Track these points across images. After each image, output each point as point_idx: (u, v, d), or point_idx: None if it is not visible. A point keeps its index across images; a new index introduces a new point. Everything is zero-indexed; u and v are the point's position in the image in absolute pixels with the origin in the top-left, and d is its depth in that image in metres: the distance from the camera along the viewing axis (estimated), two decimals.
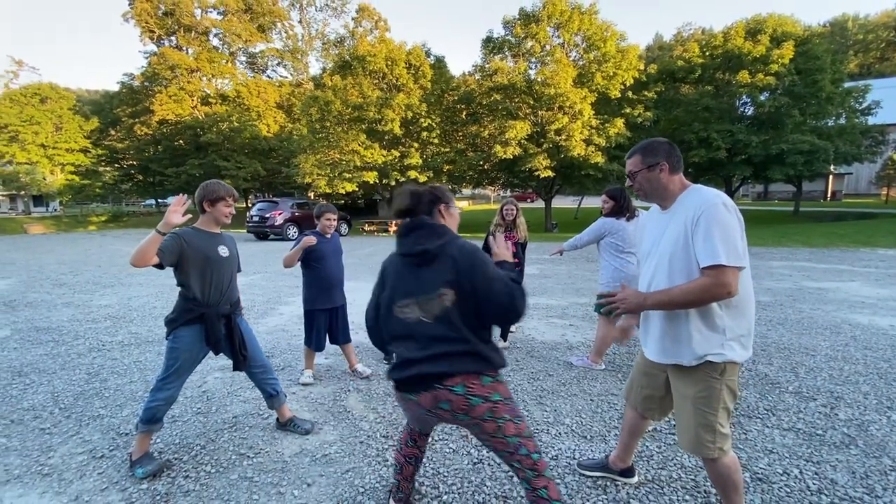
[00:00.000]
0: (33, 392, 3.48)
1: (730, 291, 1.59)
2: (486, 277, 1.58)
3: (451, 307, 1.58)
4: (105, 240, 18.38)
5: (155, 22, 29.47)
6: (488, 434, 1.62)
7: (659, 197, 1.84)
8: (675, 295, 1.66)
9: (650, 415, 2.09)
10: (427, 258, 1.64)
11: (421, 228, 1.70)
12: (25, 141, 30.13)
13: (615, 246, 3.58)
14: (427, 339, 1.60)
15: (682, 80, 21.56)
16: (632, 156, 1.86)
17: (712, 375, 1.71)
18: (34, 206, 40.42)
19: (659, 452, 2.54)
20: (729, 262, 1.57)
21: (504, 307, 1.57)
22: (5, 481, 2.35)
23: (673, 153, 1.80)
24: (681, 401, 1.82)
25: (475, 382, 1.58)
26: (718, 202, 1.63)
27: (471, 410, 1.57)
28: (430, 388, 1.58)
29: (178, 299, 2.47)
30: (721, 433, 1.73)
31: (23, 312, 6.03)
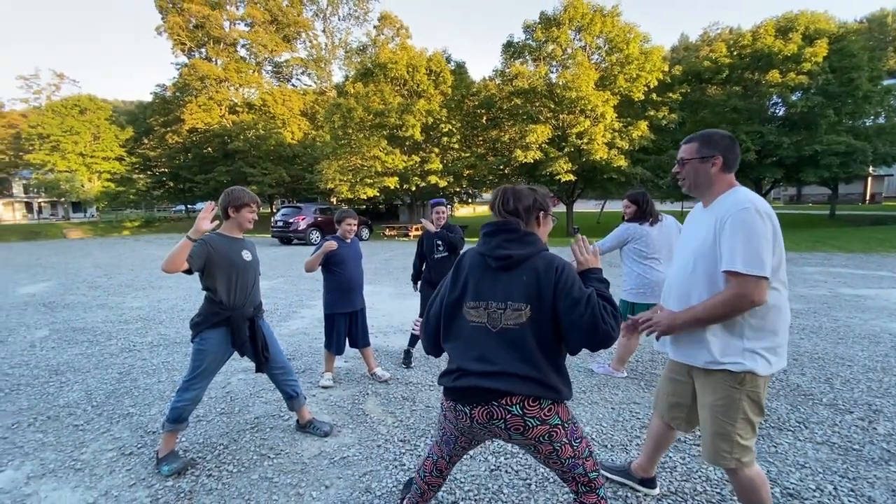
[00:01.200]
0: (69, 390, 3.63)
1: (753, 301, 1.53)
2: (571, 298, 1.45)
3: (525, 324, 1.48)
4: (138, 244, 19.09)
5: (186, 34, 30.59)
6: (542, 455, 1.55)
7: (703, 191, 1.77)
8: (700, 313, 1.64)
9: (676, 424, 2.02)
10: (509, 265, 1.54)
11: (510, 232, 1.58)
12: (66, 150, 31.63)
13: (638, 252, 3.51)
14: (491, 352, 1.49)
15: (708, 81, 21.05)
16: (689, 142, 1.78)
17: (731, 384, 1.65)
18: (73, 211, 42.36)
19: (683, 464, 2.47)
20: (746, 269, 1.52)
21: (589, 331, 1.42)
22: (41, 475, 2.46)
23: (732, 149, 1.72)
24: (701, 408, 1.77)
25: (534, 405, 1.47)
26: (750, 206, 1.57)
27: (527, 432, 1.48)
28: (486, 403, 1.48)
29: (203, 303, 2.54)
30: (740, 444, 1.66)
31: (61, 313, 6.31)
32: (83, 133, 32.22)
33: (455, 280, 1.66)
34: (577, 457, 1.57)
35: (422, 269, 4.18)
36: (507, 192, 1.66)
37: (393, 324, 5.59)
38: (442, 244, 3.91)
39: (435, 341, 1.71)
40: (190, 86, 29.66)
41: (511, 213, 1.63)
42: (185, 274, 2.39)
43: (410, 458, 2.58)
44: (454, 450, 1.72)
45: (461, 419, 1.56)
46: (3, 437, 2.87)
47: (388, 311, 6.23)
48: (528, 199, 1.65)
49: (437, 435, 1.77)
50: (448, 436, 1.69)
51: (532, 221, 1.66)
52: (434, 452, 1.80)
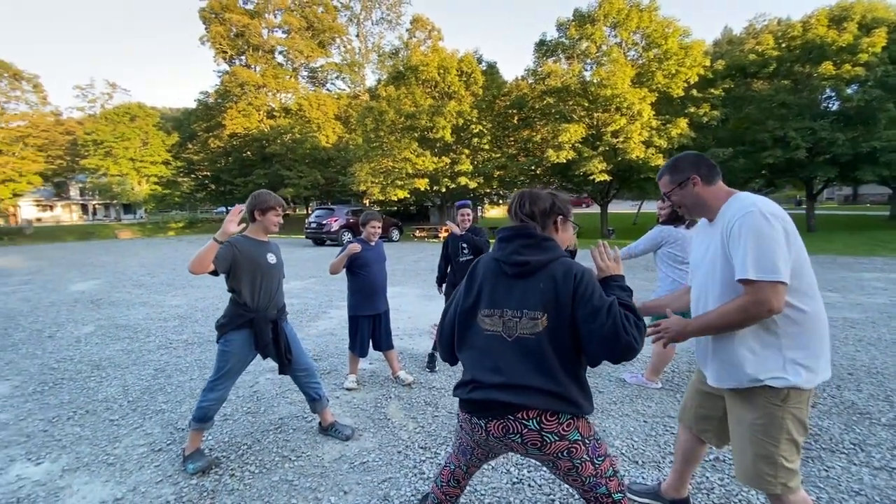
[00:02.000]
0: (108, 385, 3.79)
1: (770, 309, 1.42)
2: (590, 307, 1.38)
3: (542, 333, 1.41)
4: (181, 244, 19.99)
5: (227, 43, 31.85)
6: (562, 471, 1.47)
7: (702, 211, 1.72)
8: (713, 319, 1.55)
9: (707, 438, 1.89)
10: (526, 272, 1.48)
11: (526, 237, 1.52)
12: (117, 155, 33.61)
13: (673, 256, 3.33)
14: (506, 363, 1.43)
15: (754, 76, 19.97)
16: (661, 178, 1.80)
17: (773, 402, 1.52)
18: (124, 213, 44.95)
19: (721, 486, 2.29)
20: (758, 275, 1.42)
21: (610, 342, 1.35)
22: (75, 468, 2.56)
23: (701, 164, 1.69)
24: (736, 425, 1.64)
25: (552, 419, 1.39)
26: (754, 210, 1.48)
27: (544, 447, 1.41)
28: (502, 417, 1.42)
29: (228, 305, 2.58)
30: (784, 467, 1.52)
31: (106, 310, 6.64)
32: (133, 139, 34.14)
33: (469, 287, 1.59)
34: (600, 476, 1.47)
35: (447, 272, 4.14)
36: (524, 196, 1.60)
37: (418, 326, 5.56)
38: (467, 247, 3.84)
39: (450, 349, 1.66)
40: (231, 92, 30.87)
41: (528, 216, 1.56)
42: (212, 275, 2.43)
43: (431, 466, 2.52)
44: (471, 460, 1.66)
45: (477, 432, 1.50)
46: (43, 430, 3.01)
47: (413, 314, 6.22)
48: (545, 202, 1.58)
49: (454, 444, 1.71)
50: (465, 446, 1.63)
51: (550, 226, 1.58)
52: (451, 462, 1.73)
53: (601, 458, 1.49)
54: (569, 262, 1.49)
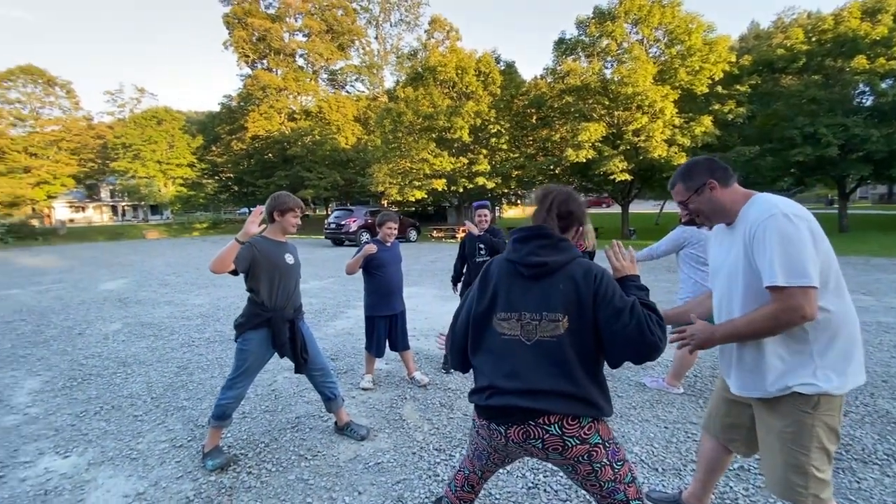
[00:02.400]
0: (133, 381, 3.90)
1: (803, 316, 1.36)
2: (613, 308, 1.37)
3: (563, 336, 1.38)
4: (205, 245, 20.48)
5: (249, 47, 32.51)
6: (580, 476, 1.44)
7: (721, 216, 1.65)
8: (741, 326, 1.49)
9: (735, 447, 1.82)
10: (543, 273, 1.45)
11: (543, 238, 1.50)
12: (145, 158, 34.70)
13: (696, 257, 3.24)
14: (526, 367, 1.40)
15: (782, 71, 19.32)
16: (674, 186, 1.71)
17: (803, 409, 1.46)
18: (151, 214, 46.35)
19: (746, 496, 2.21)
20: (788, 281, 1.35)
21: (634, 342, 1.34)
22: (100, 462, 2.63)
23: (716, 167, 1.63)
24: (765, 434, 1.57)
25: (573, 423, 1.37)
26: (777, 212, 1.42)
27: (565, 451, 1.39)
28: (522, 423, 1.39)
29: (246, 304, 2.62)
30: (816, 477, 1.45)
31: (133, 308, 6.85)
32: (160, 142, 35.19)
33: (483, 290, 1.56)
34: (618, 481, 1.44)
35: (462, 272, 4.12)
36: (570, 193, 1.59)
37: (435, 326, 5.56)
38: (484, 248, 3.82)
39: (463, 355, 1.62)
40: (253, 95, 31.49)
41: (564, 216, 1.55)
42: (232, 275, 2.47)
43: (445, 468, 2.50)
44: (486, 465, 1.63)
45: (495, 438, 1.47)
46: (71, 424, 3.11)
47: (430, 314, 6.22)
48: (580, 208, 1.59)
49: (469, 449, 1.69)
50: (480, 451, 1.60)
51: (571, 230, 1.58)
52: (466, 466, 1.71)
53: (620, 462, 1.46)
54: (587, 262, 1.48)
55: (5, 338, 5.31)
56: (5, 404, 3.46)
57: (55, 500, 2.30)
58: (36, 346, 4.99)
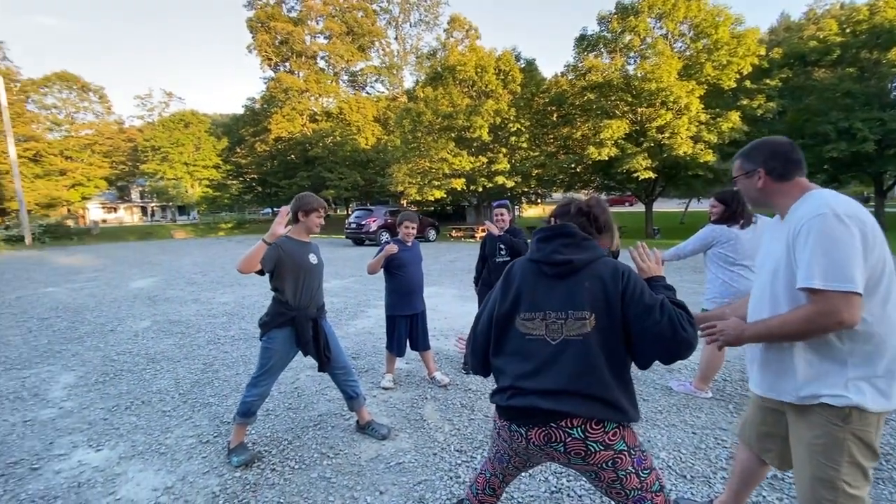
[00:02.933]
0: (161, 377, 4.00)
1: (841, 322, 1.28)
2: (642, 305, 1.34)
3: (590, 334, 1.35)
4: (230, 244, 20.96)
5: (272, 50, 33.12)
6: (605, 483, 1.40)
7: (764, 206, 1.62)
8: (773, 327, 1.43)
9: (769, 459, 1.74)
10: (568, 271, 1.43)
11: (567, 237, 1.49)
12: (173, 160, 35.81)
13: (724, 257, 3.13)
14: (549, 367, 1.37)
15: (815, 64, 18.64)
16: (735, 160, 1.68)
17: (832, 421, 1.38)
18: (179, 214, 47.77)
19: None
20: (827, 284, 1.28)
21: (666, 340, 1.31)
22: (131, 456, 2.71)
23: (776, 156, 1.54)
24: (795, 444, 1.51)
25: (597, 427, 1.33)
26: (827, 211, 1.33)
27: (588, 457, 1.34)
28: (544, 425, 1.36)
29: (271, 303, 2.65)
30: (847, 493, 1.38)
31: (161, 306, 7.05)
32: (187, 144, 36.24)
33: (505, 291, 1.54)
34: (645, 490, 1.39)
35: (483, 272, 4.09)
36: (600, 200, 1.63)
37: (455, 326, 5.54)
38: (504, 248, 3.78)
39: (483, 359, 1.60)
40: (275, 98, 32.09)
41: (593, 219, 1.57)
42: (258, 274, 2.51)
43: (466, 470, 2.49)
44: (508, 468, 1.60)
45: (516, 440, 1.44)
46: (104, 418, 3.21)
47: (450, 314, 6.20)
48: (608, 216, 1.60)
49: (490, 451, 1.66)
50: (502, 454, 1.57)
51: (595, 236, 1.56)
52: (487, 469, 1.69)
53: (647, 470, 1.41)
54: (613, 261, 1.45)
55: (42, 334, 5.53)
56: (42, 398, 3.60)
57: (88, 492, 2.37)
58: (71, 342, 5.19)
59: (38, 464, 2.64)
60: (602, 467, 1.36)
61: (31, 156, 30.73)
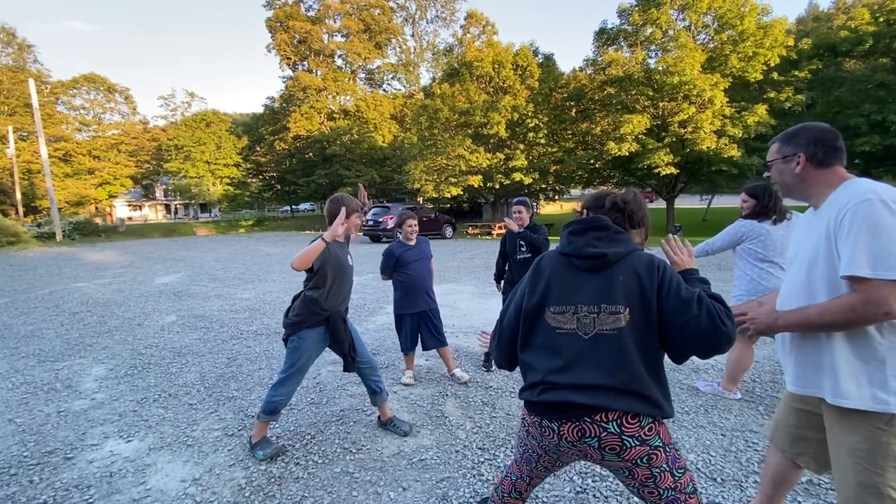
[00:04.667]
0: (187, 371, 4.09)
1: (889, 312, 1.23)
2: (679, 299, 1.32)
3: (625, 329, 1.33)
4: (250, 241, 21.34)
5: (291, 50, 33.54)
6: (638, 481, 1.36)
7: (799, 194, 1.56)
8: (812, 315, 1.38)
9: (804, 463, 1.67)
10: (602, 265, 1.40)
11: (600, 230, 1.46)
12: (195, 159, 36.59)
13: (754, 253, 3.03)
14: (582, 361, 1.35)
15: (846, 54, 17.97)
16: (772, 143, 1.62)
17: (876, 425, 1.32)
18: (201, 212, 48.83)
19: None
20: (875, 272, 1.22)
21: (706, 334, 1.28)
22: (159, 447, 2.77)
23: (818, 142, 1.48)
24: (835, 448, 1.45)
25: (633, 422, 1.30)
26: (873, 197, 1.28)
27: (623, 452, 1.31)
28: (577, 420, 1.33)
29: (301, 302, 2.61)
30: (894, 498, 1.31)
31: (186, 302, 7.21)
32: (209, 143, 36.99)
33: (534, 285, 1.51)
34: (679, 490, 1.36)
35: (504, 269, 4.05)
36: (637, 195, 1.57)
37: (473, 324, 5.52)
38: (525, 245, 3.74)
39: (510, 353, 1.57)
40: (294, 97, 32.51)
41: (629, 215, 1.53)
42: (308, 272, 2.51)
43: (489, 468, 2.47)
44: (535, 469, 1.57)
45: (547, 436, 1.41)
46: (133, 410, 3.30)
47: (468, 311, 6.18)
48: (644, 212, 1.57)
49: (516, 452, 1.63)
50: (529, 454, 1.54)
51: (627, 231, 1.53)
52: (513, 472, 1.66)
53: (681, 470, 1.37)
54: (648, 255, 1.42)
55: (74, 328, 5.71)
56: (74, 389, 3.71)
57: (119, 482, 2.43)
58: (101, 335, 5.34)
59: (71, 453, 2.72)
60: (636, 463, 1.33)
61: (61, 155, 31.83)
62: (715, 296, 1.37)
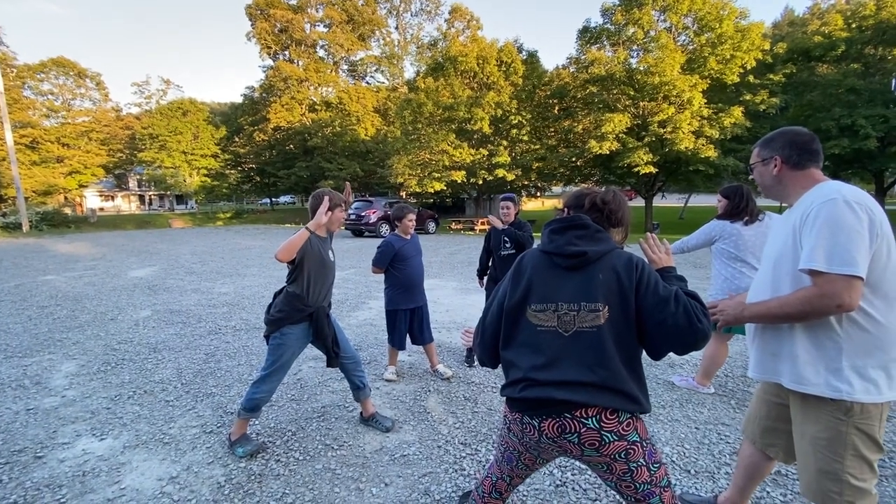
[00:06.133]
0: (163, 367, 4.00)
1: (841, 305, 1.31)
2: (657, 297, 1.35)
3: (603, 326, 1.36)
4: (228, 234, 20.90)
5: (272, 38, 32.80)
6: (615, 475, 1.40)
7: (777, 194, 1.66)
8: (773, 307, 1.48)
9: (773, 453, 1.76)
10: (582, 263, 1.42)
11: (580, 228, 1.48)
12: (171, 148, 35.48)
13: (727, 253, 3.12)
14: (563, 359, 1.37)
15: (819, 59, 18.53)
16: (754, 147, 1.72)
17: (834, 415, 1.41)
18: (177, 203, 47.53)
19: (784, 502, 2.14)
20: (830, 267, 1.31)
21: (682, 331, 1.31)
22: (135, 445, 2.70)
23: (793, 146, 1.57)
24: (799, 437, 1.54)
25: (612, 417, 1.34)
26: (837, 197, 1.36)
27: (601, 447, 1.35)
28: (558, 416, 1.36)
29: (284, 299, 2.57)
30: (852, 485, 1.40)
31: (161, 296, 7.03)
32: (185, 133, 35.90)
33: (516, 282, 1.53)
34: (654, 484, 1.40)
35: (488, 265, 4.07)
36: (617, 194, 1.59)
37: (456, 319, 5.54)
38: (509, 241, 3.76)
39: (493, 351, 1.59)
40: (274, 87, 31.83)
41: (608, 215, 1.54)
42: (289, 264, 2.47)
43: (471, 462, 2.49)
44: (516, 469, 1.59)
45: (528, 433, 1.43)
46: (107, 407, 3.21)
47: (451, 307, 6.20)
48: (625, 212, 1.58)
49: (497, 451, 1.65)
50: (510, 452, 1.56)
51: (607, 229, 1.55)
52: (493, 472, 1.67)
53: (657, 464, 1.42)
54: (627, 253, 1.46)
55: (42, 322, 5.51)
56: (44, 386, 3.59)
57: (93, 481, 2.37)
58: (71, 330, 5.17)
59: (41, 452, 2.64)
60: (615, 458, 1.36)
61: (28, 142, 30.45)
62: (691, 293, 1.40)
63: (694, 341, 1.33)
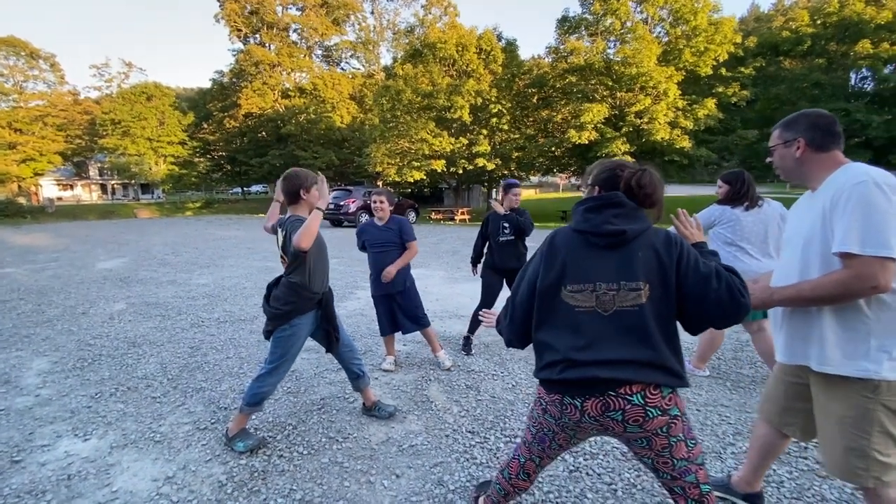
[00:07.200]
0: (145, 362, 3.79)
1: (877, 286, 1.32)
2: (698, 273, 1.35)
3: (645, 304, 1.35)
4: (199, 224, 20.16)
5: (242, 21, 31.54)
6: (654, 451, 1.40)
7: (798, 177, 1.63)
8: (805, 290, 1.47)
9: (791, 432, 1.78)
10: (620, 242, 1.40)
11: (617, 206, 1.44)
12: (135, 135, 33.83)
13: (723, 237, 3.16)
14: (604, 338, 1.36)
15: (786, 54, 19.22)
16: (774, 129, 1.69)
17: (862, 393, 1.42)
18: (142, 193, 45.50)
19: (791, 479, 2.19)
20: (865, 250, 1.31)
21: (726, 306, 1.32)
22: (123, 445, 2.54)
23: (816, 127, 1.55)
24: (822, 416, 1.55)
25: (655, 393, 1.34)
26: (867, 179, 1.36)
27: (645, 423, 1.34)
28: (601, 395, 1.35)
29: (289, 290, 2.40)
30: (878, 461, 1.42)
31: (135, 288, 6.69)
32: (150, 119, 34.29)
33: (549, 262, 1.48)
34: (691, 461, 1.41)
35: (483, 251, 4.00)
36: (652, 175, 1.51)
37: (447, 308, 5.49)
38: (509, 227, 3.71)
39: (523, 331, 1.55)
40: (245, 71, 30.71)
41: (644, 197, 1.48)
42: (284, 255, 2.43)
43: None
44: (547, 450, 1.56)
45: (569, 413, 1.41)
46: (87, 406, 3.01)
47: (441, 296, 6.14)
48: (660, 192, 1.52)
49: (527, 433, 1.62)
50: (543, 433, 1.53)
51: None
52: (522, 454, 1.64)
53: (693, 441, 1.43)
54: (664, 230, 1.45)
55: (5, 318, 5.16)
56: (14, 385, 3.35)
57: (80, 484, 2.21)
58: (39, 325, 4.85)
59: (19, 456, 2.44)
60: (656, 433, 1.36)
61: None
62: (729, 268, 1.40)
63: (737, 315, 1.36)
